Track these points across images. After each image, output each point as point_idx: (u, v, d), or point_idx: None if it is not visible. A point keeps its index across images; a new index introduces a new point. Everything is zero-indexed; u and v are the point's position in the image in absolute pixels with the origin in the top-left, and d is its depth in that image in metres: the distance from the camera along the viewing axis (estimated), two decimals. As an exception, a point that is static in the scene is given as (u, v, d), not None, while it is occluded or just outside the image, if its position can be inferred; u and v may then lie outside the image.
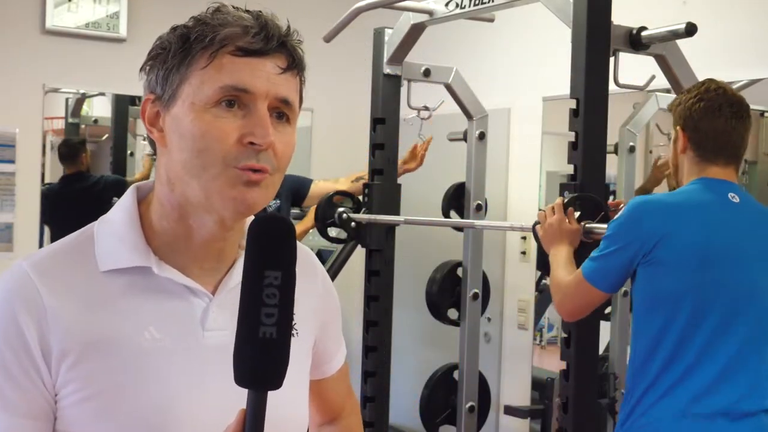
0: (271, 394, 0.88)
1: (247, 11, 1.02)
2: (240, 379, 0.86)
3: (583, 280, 2.05)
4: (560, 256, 2.19)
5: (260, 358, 0.86)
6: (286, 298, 0.86)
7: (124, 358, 0.99)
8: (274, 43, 1.00)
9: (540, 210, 2.32)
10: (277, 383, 0.87)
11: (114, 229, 1.05)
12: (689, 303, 1.98)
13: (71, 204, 4.09)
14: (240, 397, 0.88)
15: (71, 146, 4.23)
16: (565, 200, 2.22)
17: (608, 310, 2.99)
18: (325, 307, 1.22)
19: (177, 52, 1.00)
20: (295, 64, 1.03)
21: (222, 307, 1.05)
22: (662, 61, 2.44)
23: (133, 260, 1.02)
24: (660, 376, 2.00)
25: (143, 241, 1.03)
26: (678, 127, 2.11)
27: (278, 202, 3.47)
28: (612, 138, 2.70)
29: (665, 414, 1.98)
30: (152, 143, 1.06)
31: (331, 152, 4.48)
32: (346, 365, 1.31)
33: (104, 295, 1.01)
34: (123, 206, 1.06)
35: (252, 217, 0.99)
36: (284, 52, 1.02)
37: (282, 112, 1.02)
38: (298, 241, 0.95)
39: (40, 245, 3.87)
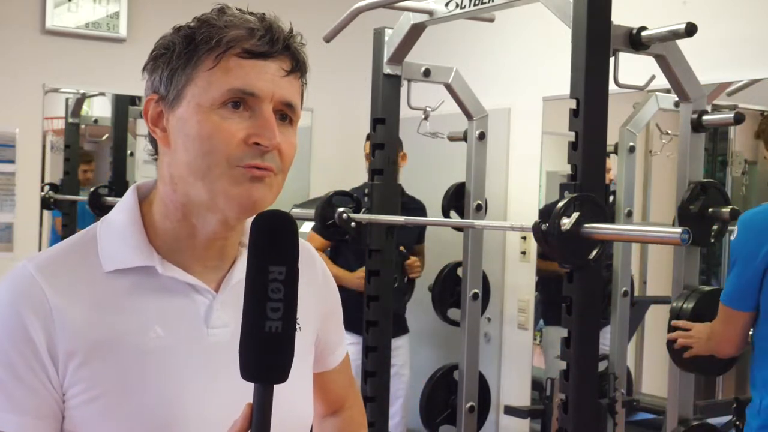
0: (276, 387, 0.89)
1: (251, 13, 1.03)
2: (246, 373, 0.88)
3: (724, 308, 2.21)
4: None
5: (266, 352, 0.87)
6: (291, 293, 0.87)
7: (130, 357, 1.00)
8: (279, 45, 1.02)
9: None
10: (283, 377, 0.88)
11: (117, 230, 1.05)
12: None
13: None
14: (246, 392, 0.89)
15: None
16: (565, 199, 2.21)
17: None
18: (325, 300, 1.24)
19: (182, 53, 1.01)
20: (298, 67, 1.04)
21: (225, 304, 1.06)
22: (662, 61, 2.44)
23: (136, 260, 1.03)
24: None
25: (146, 241, 1.04)
26: None
27: None
28: (612, 138, 2.70)
29: None
30: (153, 143, 1.07)
31: (331, 152, 4.49)
32: (348, 357, 1.32)
33: (109, 296, 1.02)
34: (125, 206, 1.07)
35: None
36: (288, 54, 1.03)
37: (285, 114, 1.03)
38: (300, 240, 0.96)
39: (40, 245, 3.87)
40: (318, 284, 1.22)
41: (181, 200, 1.04)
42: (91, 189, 4.20)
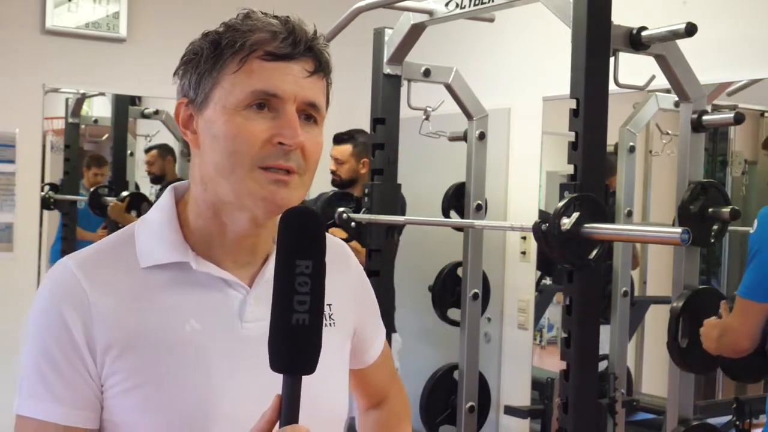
0: (307, 380, 0.92)
1: (276, 17, 1.06)
2: (275, 364, 0.91)
3: (742, 301, 2.20)
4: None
5: (293, 344, 0.90)
6: (318, 286, 0.91)
7: (165, 350, 1.04)
8: (301, 47, 1.05)
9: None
10: (310, 368, 0.92)
11: (153, 228, 1.10)
12: None
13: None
14: (277, 384, 0.92)
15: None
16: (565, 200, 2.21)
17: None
18: (362, 299, 1.27)
19: (209, 57, 1.05)
20: (321, 68, 1.07)
21: (259, 299, 1.09)
22: (662, 61, 2.44)
23: (172, 256, 1.07)
24: None
25: (181, 239, 1.08)
26: None
27: None
28: (612, 138, 2.70)
29: None
30: (186, 145, 1.11)
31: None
32: (387, 348, 1.35)
33: (146, 290, 1.05)
34: (161, 206, 1.12)
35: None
36: (311, 56, 1.06)
37: (310, 114, 1.06)
38: (331, 235, 1.01)
39: (40, 245, 3.87)
40: (353, 283, 1.25)
41: (211, 199, 1.07)
42: (91, 190, 4.21)
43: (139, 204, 4.23)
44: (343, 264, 1.23)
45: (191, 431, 1.03)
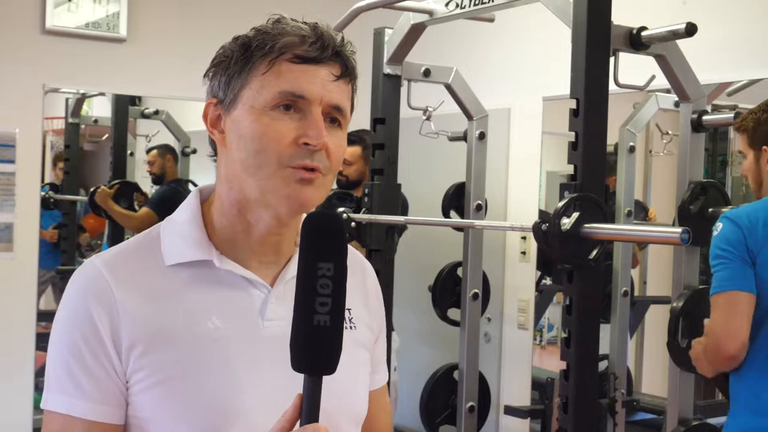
0: (327, 380, 0.94)
1: (305, 23, 1.10)
2: (296, 364, 0.93)
3: (715, 297, 2.13)
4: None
5: (315, 345, 0.92)
6: (339, 288, 0.93)
7: (189, 346, 1.06)
8: (329, 52, 1.08)
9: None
10: (330, 368, 0.94)
11: (178, 228, 1.12)
12: None
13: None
14: (298, 383, 0.94)
15: None
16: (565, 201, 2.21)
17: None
18: (376, 316, 1.27)
19: (239, 59, 1.08)
20: (348, 73, 1.10)
21: (280, 298, 1.11)
22: (662, 61, 2.44)
23: (195, 254, 1.09)
24: None
25: (205, 237, 1.11)
26: (764, 147, 2.25)
27: None
28: (612, 138, 2.70)
29: None
30: (213, 145, 1.14)
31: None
32: (386, 386, 1.33)
33: (170, 288, 1.08)
34: (187, 207, 1.15)
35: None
36: (338, 60, 1.09)
37: (335, 117, 1.09)
38: (352, 248, 1.04)
39: (40, 245, 3.87)
40: (369, 295, 1.26)
41: (236, 197, 1.10)
42: (91, 189, 4.21)
43: (130, 194, 4.23)
44: (359, 277, 1.25)
45: (214, 428, 1.04)
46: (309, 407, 0.93)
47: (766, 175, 2.26)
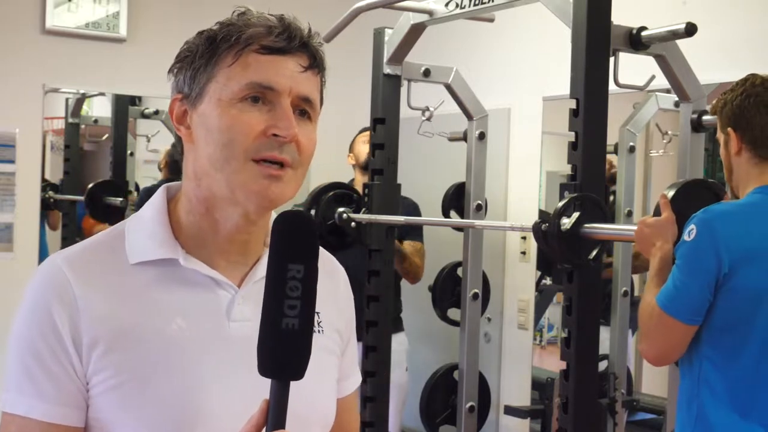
0: (295, 385, 0.91)
1: (271, 14, 1.07)
2: (263, 368, 0.90)
3: (661, 314, 1.95)
4: (659, 259, 2.05)
5: (282, 349, 0.89)
6: (309, 291, 0.90)
7: (151, 347, 1.03)
8: (296, 42, 1.05)
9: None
10: (298, 374, 0.91)
11: (143, 225, 1.09)
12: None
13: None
14: (264, 387, 0.91)
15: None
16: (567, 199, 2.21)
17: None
18: (347, 319, 1.23)
19: (204, 53, 1.05)
20: (316, 64, 1.08)
21: (247, 299, 1.08)
22: (662, 61, 2.44)
23: (160, 253, 1.06)
24: None
25: (171, 236, 1.08)
26: (729, 129, 2.06)
27: None
28: (612, 138, 2.70)
29: None
30: (179, 141, 1.11)
31: (331, 152, 4.47)
32: (357, 392, 1.30)
33: (133, 287, 1.05)
34: (153, 204, 1.11)
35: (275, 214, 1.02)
36: (306, 51, 1.07)
37: (304, 109, 1.07)
38: (323, 249, 1.00)
39: (40, 245, 3.87)
40: (340, 298, 1.23)
41: (204, 194, 1.07)
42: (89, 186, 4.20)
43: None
44: (331, 277, 1.21)
45: (177, 430, 1.01)
46: (276, 412, 0.90)
47: (734, 159, 2.08)
